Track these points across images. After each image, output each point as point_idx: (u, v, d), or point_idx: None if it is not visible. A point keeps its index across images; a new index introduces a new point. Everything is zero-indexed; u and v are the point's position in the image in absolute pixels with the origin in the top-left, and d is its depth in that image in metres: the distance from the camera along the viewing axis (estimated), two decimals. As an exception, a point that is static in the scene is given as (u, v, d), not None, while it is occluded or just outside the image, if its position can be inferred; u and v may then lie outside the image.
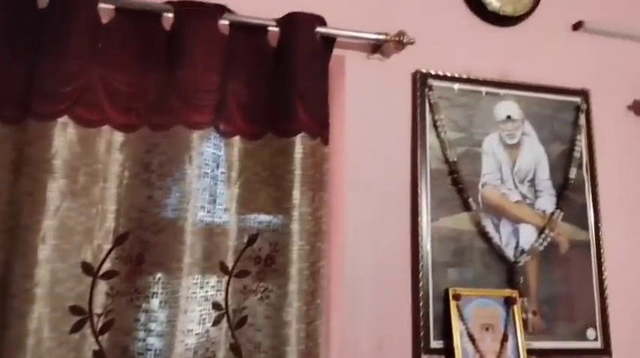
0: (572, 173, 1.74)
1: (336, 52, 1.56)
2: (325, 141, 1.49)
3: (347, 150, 1.57)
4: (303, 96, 1.44)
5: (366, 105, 1.63)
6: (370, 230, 1.55)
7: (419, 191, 1.59)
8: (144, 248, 1.30)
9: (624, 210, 1.80)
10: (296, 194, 1.39)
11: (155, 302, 1.25)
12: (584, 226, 1.73)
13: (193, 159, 1.35)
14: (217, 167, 1.41)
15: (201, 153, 1.36)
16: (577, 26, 1.90)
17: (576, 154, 1.76)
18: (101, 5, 1.36)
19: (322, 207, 1.44)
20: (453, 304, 1.53)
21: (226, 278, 1.39)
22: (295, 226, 1.39)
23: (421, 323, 1.51)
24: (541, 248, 1.66)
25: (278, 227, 1.40)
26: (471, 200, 1.62)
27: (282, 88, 1.45)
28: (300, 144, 1.42)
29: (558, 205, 1.71)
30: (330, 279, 1.52)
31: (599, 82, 1.87)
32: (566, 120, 1.80)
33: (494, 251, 1.62)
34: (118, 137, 1.35)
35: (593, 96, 1.83)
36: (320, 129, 1.47)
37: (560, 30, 1.89)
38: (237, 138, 1.45)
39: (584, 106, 1.81)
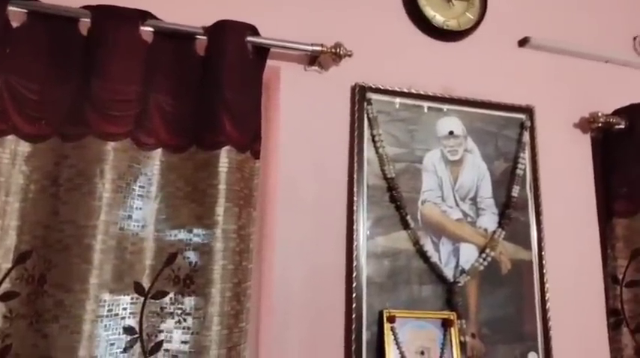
0: (516, 191, 1.69)
1: (271, 63, 1.50)
2: (256, 155, 1.43)
3: (281, 164, 1.51)
4: (230, 107, 1.38)
5: (303, 119, 1.56)
6: (304, 248, 1.48)
7: (355, 208, 1.52)
8: (47, 267, 1.20)
9: (568, 229, 1.75)
10: (219, 210, 1.33)
11: (55, 327, 1.14)
12: (527, 245, 1.67)
13: (105, 172, 1.25)
14: (135, 181, 1.32)
15: (116, 166, 1.27)
16: (523, 42, 1.86)
17: (520, 172, 1.71)
18: (11, 8, 1.26)
19: (250, 225, 1.38)
20: (387, 326, 1.45)
21: (142, 299, 1.29)
22: (218, 244, 1.32)
23: (353, 347, 1.43)
24: (482, 268, 1.60)
25: (199, 245, 1.32)
26: (409, 217, 1.56)
27: (209, 99, 1.39)
28: (225, 158, 1.36)
29: (500, 224, 1.66)
30: (259, 301, 1.45)
31: (544, 98, 1.83)
32: (510, 137, 1.75)
33: (433, 271, 1.56)
34: (25, 148, 1.25)
35: (537, 113, 1.79)
36: (249, 142, 1.41)
37: (505, 45, 1.85)
38: (159, 151, 1.37)
39: (528, 123, 1.76)
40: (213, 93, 1.37)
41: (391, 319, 1.46)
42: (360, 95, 1.60)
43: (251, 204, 1.40)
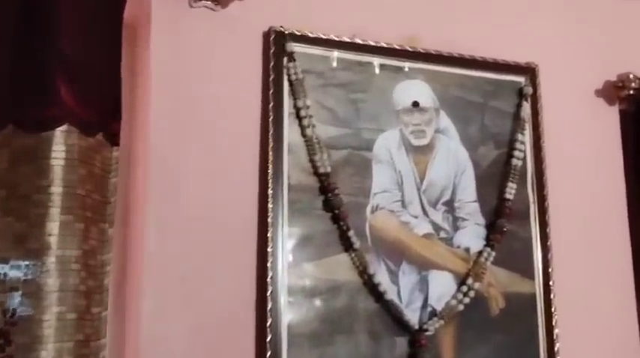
0: (511, 191, 1.73)
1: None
2: (112, 139, 1.43)
3: (153, 155, 1.48)
4: (68, 64, 1.36)
5: (189, 83, 1.54)
6: (189, 283, 1.46)
7: (270, 220, 1.52)
8: None
9: (587, 246, 1.82)
10: (51, 227, 1.31)
11: None
12: (528, 272, 1.72)
13: None
14: None
15: None
16: (521, -30, 1.92)
17: (517, 163, 1.76)
18: None
19: (104, 249, 1.39)
20: (319, 401, 1.46)
21: None
22: (50, 281, 1.30)
23: None
24: (462, 307, 1.63)
25: (20, 283, 1.30)
26: (352, 233, 1.57)
27: (34, 53, 1.36)
28: (61, 144, 1.34)
29: (489, 241, 1.69)
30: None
31: (552, 53, 1.88)
32: (502, 110, 1.79)
33: (390, 313, 1.58)
34: None
35: (543, 74, 1.84)
36: (101, 119, 1.41)
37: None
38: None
39: (529, 90, 1.81)
40: (41, 44, 1.36)
41: (325, 388, 1.48)
42: (276, 46, 1.59)
43: (105, 217, 1.38)
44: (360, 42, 1.68)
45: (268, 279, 1.49)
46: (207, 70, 1.57)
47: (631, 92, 1.89)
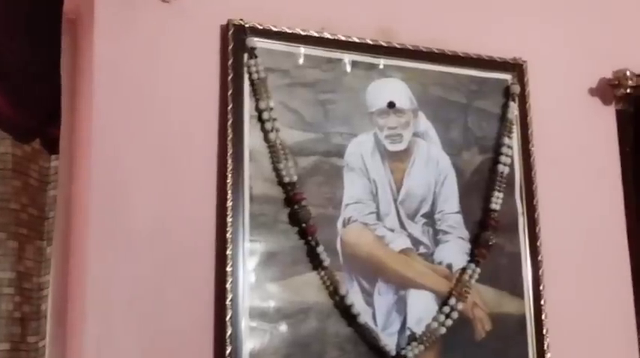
0: (497, 201, 1.75)
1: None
2: (51, 147, 1.43)
3: (98, 164, 1.48)
4: None
5: (138, 83, 1.55)
6: (138, 308, 1.46)
7: (230, 235, 1.52)
8: None
9: (582, 261, 1.84)
10: None
11: None
12: (518, 291, 1.74)
13: None
14: None
15: None
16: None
17: (504, 169, 1.78)
18: None
19: (41, 271, 1.40)
20: None
21: None
22: None
23: None
24: (444, 330, 1.64)
25: None
26: (322, 249, 1.58)
27: None
28: None
29: (473, 256, 1.71)
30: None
31: (542, 48, 1.91)
32: (488, 111, 1.82)
33: (364, 338, 1.59)
34: None
35: (531, 71, 1.87)
36: (37, 124, 1.41)
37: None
38: None
39: (516, 88, 1.84)
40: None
41: None
42: (235, 41, 1.60)
43: (42, 235, 1.39)
44: (329, 36, 1.69)
45: (228, 302, 1.49)
46: (158, 69, 1.57)
47: (628, 91, 1.91)
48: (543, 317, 1.75)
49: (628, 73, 1.91)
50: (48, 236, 1.40)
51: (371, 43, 1.73)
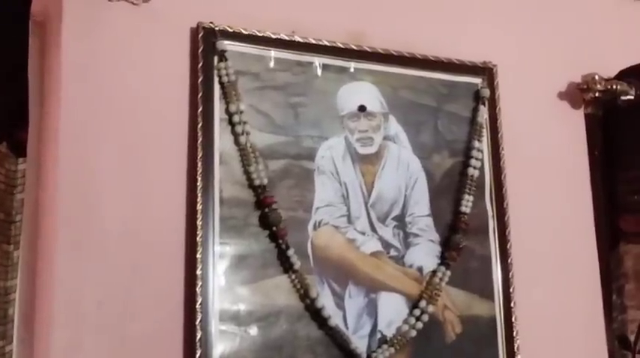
0: (468, 204, 1.76)
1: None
2: (17, 150, 1.43)
3: (66, 167, 1.47)
4: None
5: (107, 86, 1.54)
6: (107, 311, 1.45)
7: (200, 238, 1.51)
8: None
9: (551, 263, 1.86)
10: None
11: None
12: (488, 293, 1.76)
13: None
14: None
15: None
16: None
17: (474, 172, 1.79)
18: None
19: (7, 275, 1.39)
20: None
21: None
22: None
23: None
24: (414, 333, 1.65)
25: None
26: (293, 252, 1.58)
27: None
28: None
29: (444, 259, 1.72)
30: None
31: (511, 52, 1.93)
32: (458, 114, 1.83)
33: (334, 341, 1.59)
34: None
35: (501, 75, 1.88)
36: (4, 128, 1.41)
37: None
38: None
39: (486, 92, 1.85)
40: None
41: None
42: (205, 44, 1.60)
43: (9, 238, 1.38)
44: (300, 40, 1.69)
45: (197, 305, 1.49)
46: (127, 72, 1.56)
47: (597, 95, 1.93)
48: (513, 319, 1.76)
49: (597, 77, 1.93)
50: (15, 240, 1.38)
51: (342, 46, 1.73)
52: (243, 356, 1.52)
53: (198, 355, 1.46)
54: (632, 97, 1.95)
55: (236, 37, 1.63)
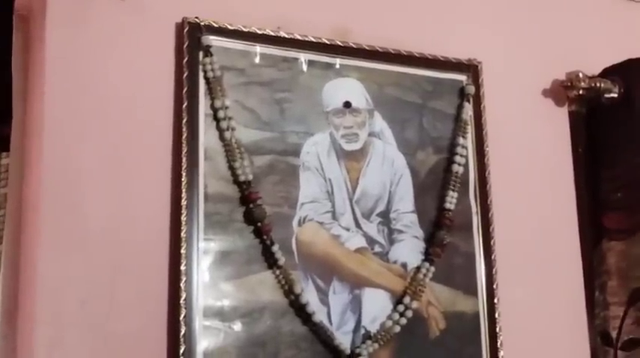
0: (452, 200, 1.77)
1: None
2: (0, 144, 1.45)
3: (50, 162, 1.46)
4: None
5: (91, 81, 1.53)
6: (91, 308, 1.44)
7: (184, 234, 1.51)
8: None
9: (534, 260, 1.87)
10: None
11: None
12: (471, 289, 1.76)
13: None
14: None
15: None
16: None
17: (458, 169, 1.79)
18: None
19: None
20: None
21: None
22: None
23: None
24: (398, 328, 1.65)
25: None
26: (277, 248, 1.57)
27: None
28: None
29: (428, 255, 1.72)
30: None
31: (496, 49, 1.93)
32: (442, 111, 1.83)
33: (319, 337, 1.59)
34: None
35: (486, 72, 1.88)
36: None
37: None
38: None
39: (471, 89, 1.85)
40: None
41: None
42: (191, 39, 1.59)
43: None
44: (286, 35, 1.69)
45: (181, 301, 1.48)
46: (111, 66, 1.55)
47: (581, 92, 1.94)
48: (497, 315, 1.76)
49: (581, 75, 1.94)
50: (-3, 235, 1.35)
51: (327, 42, 1.73)
52: (228, 352, 1.51)
53: (182, 350, 1.46)
54: (615, 95, 1.96)
55: (221, 32, 1.62)
